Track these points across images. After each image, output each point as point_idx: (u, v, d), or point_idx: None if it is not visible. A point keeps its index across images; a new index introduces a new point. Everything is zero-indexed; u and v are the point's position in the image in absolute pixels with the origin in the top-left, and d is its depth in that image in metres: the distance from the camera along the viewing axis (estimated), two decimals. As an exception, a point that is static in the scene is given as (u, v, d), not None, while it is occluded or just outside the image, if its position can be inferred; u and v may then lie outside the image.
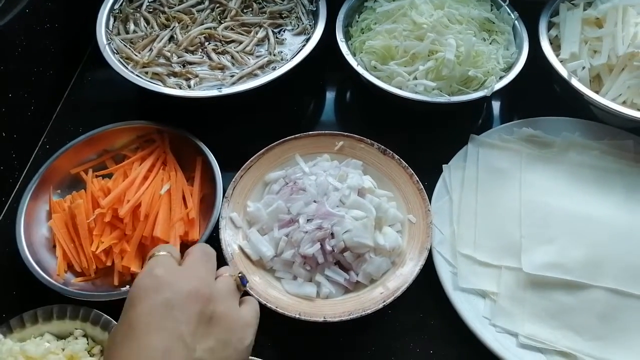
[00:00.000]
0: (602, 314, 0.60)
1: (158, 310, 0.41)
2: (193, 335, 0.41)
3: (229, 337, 0.43)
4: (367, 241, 0.61)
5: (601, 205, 0.67)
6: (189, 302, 0.42)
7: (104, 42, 0.74)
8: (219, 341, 0.43)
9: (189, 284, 0.43)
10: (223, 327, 0.43)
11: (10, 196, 0.72)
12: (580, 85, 0.72)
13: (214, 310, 0.43)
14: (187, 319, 0.41)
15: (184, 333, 0.40)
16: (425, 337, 0.62)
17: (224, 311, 0.44)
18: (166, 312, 0.41)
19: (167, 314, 0.41)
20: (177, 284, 0.43)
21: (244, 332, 0.45)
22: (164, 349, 0.39)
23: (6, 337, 0.58)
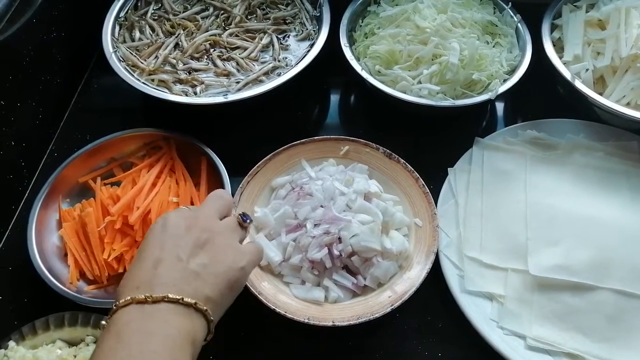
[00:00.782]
0: (609, 316, 0.60)
1: (159, 236, 0.48)
2: (188, 254, 0.47)
3: (222, 257, 0.48)
4: (374, 245, 0.62)
5: (607, 207, 0.67)
6: (187, 230, 0.48)
7: (110, 50, 0.75)
8: (212, 259, 0.47)
9: (190, 219, 0.50)
10: (217, 249, 0.49)
11: (19, 204, 0.72)
12: (584, 87, 0.72)
13: (210, 238, 0.49)
14: (185, 242, 0.47)
15: (179, 251, 0.46)
16: (433, 340, 0.62)
17: (220, 240, 0.49)
18: (165, 236, 0.48)
19: (166, 238, 0.48)
20: (180, 220, 0.49)
21: (239, 256, 0.49)
22: (156, 259, 0.46)
23: (18, 344, 0.58)
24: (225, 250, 0.49)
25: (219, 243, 0.49)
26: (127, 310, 0.43)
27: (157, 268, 0.45)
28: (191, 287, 0.45)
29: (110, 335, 0.42)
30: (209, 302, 0.45)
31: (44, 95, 0.76)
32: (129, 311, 0.43)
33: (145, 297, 0.43)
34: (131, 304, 0.43)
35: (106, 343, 0.42)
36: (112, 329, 0.42)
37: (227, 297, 0.48)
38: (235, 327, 0.63)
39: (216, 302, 0.46)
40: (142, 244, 0.49)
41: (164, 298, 0.43)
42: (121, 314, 0.43)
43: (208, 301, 0.45)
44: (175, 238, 0.48)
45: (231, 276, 0.48)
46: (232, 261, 0.49)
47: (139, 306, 0.43)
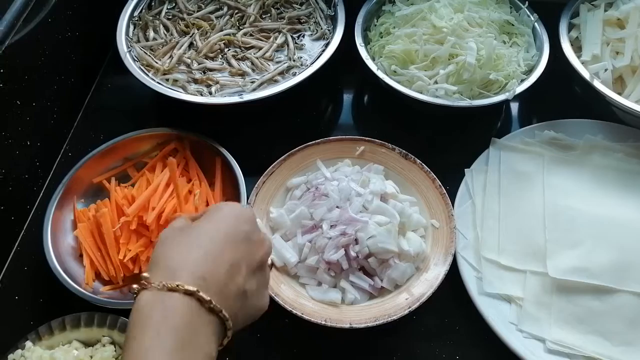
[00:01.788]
0: (630, 319, 0.59)
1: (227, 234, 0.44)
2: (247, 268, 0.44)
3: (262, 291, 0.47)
4: (391, 247, 0.61)
5: (627, 208, 0.67)
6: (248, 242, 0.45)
7: (125, 50, 0.75)
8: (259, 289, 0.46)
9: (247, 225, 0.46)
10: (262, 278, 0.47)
11: (34, 205, 0.72)
12: (603, 87, 0.71)
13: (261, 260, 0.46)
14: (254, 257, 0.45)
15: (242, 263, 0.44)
16: (450, 342, 0.62)
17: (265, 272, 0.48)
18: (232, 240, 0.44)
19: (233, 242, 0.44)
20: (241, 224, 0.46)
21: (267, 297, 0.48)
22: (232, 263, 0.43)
23: (35, 345, 0.58)
24: (265, 285, 0.48)
25: (264, 275, 0.48)
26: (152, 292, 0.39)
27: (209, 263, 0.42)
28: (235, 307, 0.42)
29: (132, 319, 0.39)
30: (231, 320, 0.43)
31: (58, 94, 0.76)
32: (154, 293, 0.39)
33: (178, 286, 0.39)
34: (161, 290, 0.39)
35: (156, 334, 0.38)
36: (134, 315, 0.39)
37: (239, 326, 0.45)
38: (250, 329, 0.63)
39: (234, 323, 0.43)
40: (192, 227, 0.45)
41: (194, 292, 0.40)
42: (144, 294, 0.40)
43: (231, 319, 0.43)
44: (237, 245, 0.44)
45: (256, 315, 0.46)
46: (264, 300, 0.47)
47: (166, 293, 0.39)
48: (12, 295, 0.65)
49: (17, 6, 0.64)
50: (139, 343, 0.38)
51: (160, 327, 0.38)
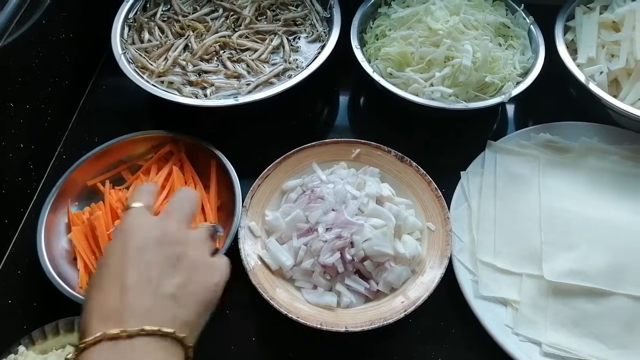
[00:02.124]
0: (626, 322, 0.59)
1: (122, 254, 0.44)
2: (159, 275, 0.43)
3: (196, 276, 0.45)
4: (387, 250, 0.61)
5: (622, 211, 0.67)
6: (156, 246, 0.45)
7: (119, 52, 0.74)
8: (186, 278, 0.44)
9: (157, 230, 0.46)
10: (191, 266, 0.45)
11: (28, 207, 0.72)
12: (598, 90, 0.71)
13: (183, 253, 0.46)
14: (155, 260, 0.44)
15: (149, 272, 0.43)
16: (446, 345, 0.62)
17: (191, 254, 0.46)
18: (130, 254, 0.44)
19: (132, 256, 0.44)
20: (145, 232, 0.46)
21: (212, 272, 0.47)
22: (123, 284, 0.42)
23: (28, 349, 0.58)
24: (199, 266, 0.46)
25: (192, 258, 0.46)
26: (99, 350, 0.38)
27: (126, 295, 0.41)
28: (167, 315, 0.42)
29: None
30: (187, 327, 0.42)
31: (52, 96, 0.76)
32: (101, 350, 0.38)
33: (120, 332, 0.39)
34: (102, 341, 0.39)
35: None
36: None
37: (203, 317, 0.45)
38: (246, 333, 0.63)
39: (193, 325, 0.43)
40: (102, 263, 0.44)
41: (139, 332, 0.39)
42: (91, 354, 0.38)
43: (186, 326, 0.42)
44: (142, 256, 0.44)
45: (207, 296, 0.45)
46: (206, 279, 0.46)
47: (111, 343, 0.39)
48: (6, 299, 0.65)
49: (10, 8, 0.64)
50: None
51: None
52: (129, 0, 0.81)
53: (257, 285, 0.61)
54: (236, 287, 0.64)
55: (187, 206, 0.51)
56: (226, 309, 0.64)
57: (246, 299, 0.64)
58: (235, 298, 0.65)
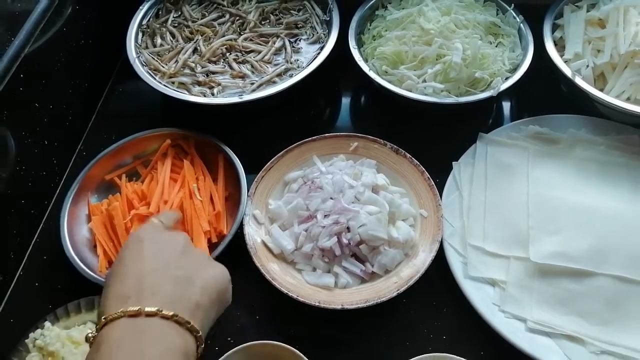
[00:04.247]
0: (608, 300, 0.63)
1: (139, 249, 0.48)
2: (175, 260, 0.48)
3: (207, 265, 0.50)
4: (381, 234, 0.65)
5: (607, 198, 0.70)
6: (169, 240, 0.50)
7: (134, 56, 0.80)
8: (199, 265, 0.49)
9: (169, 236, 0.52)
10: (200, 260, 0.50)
11: (52, 199, 0.78)
12: (584, 83, 0.75)
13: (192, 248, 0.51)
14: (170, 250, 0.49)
15: (166, 257, 0.48)
16: (438, 324, 0.65)
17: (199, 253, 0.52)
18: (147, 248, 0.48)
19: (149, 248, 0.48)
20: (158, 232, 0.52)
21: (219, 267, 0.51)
22: (141, 270, 0.45)
23: (53, 325, 0.63)
24: (209, 262, 0.51)
25: (202, 256, 0.51)
26: (118, 325, 0.41)
27: (144, 278, 0.44)
28: (182, 295, 0.44)
29: (100, 355, 0.40)
30: (199, 310, 0.45)
31: (73, 98, 0.82)
32: (120, 326, 0.41)
33: (139, 310, 0.41)
34: (122, 317, 0.41)
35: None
36: (102, 349, 0.40)
37: (215, 307, 0.48)
38: (250, 312, 0.67)
39: (205, 309, 0.46)
40: (119, 259, 0.48)
41: (157, 312, 0.42)
42: (111, 329, 0.41)
43: (198, 308, 0.45)
44: (158, 247, 0.48)
45: (219, 283, 0.49)
46: (217, 270, 0.50)
47: (130, 320, 0.41)
48: (32, 282, 0.71)
49: (35, 16, 0.71)
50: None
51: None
52: (142, 8, 0.87)
53: (261, 267, 0.65)
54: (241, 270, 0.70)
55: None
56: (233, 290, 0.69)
57: (251, 281, 0.69)
58: (239, 280, 0.69)
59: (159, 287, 0.44)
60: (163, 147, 0.77)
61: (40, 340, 0.61)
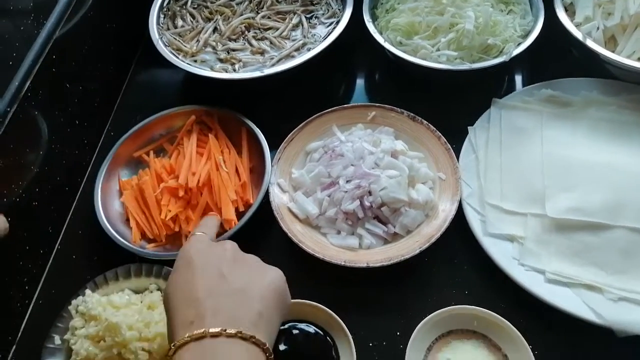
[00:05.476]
0: (623, 251, 0.65)
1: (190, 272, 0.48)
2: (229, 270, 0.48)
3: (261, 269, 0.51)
4: (401, 196, 0.68)
5: (620, 155, 0.72)
6: (219, 252, 0.50)
7: (157, 37, 0.83)
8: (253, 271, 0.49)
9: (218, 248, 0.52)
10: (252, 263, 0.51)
11: (84, 177, 0.81)
12: (595, 45, 0.76)
13: (242, 255, 0.52)
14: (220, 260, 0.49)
15: (221, 268, 0.48)
16: (459, 280, 0.68)
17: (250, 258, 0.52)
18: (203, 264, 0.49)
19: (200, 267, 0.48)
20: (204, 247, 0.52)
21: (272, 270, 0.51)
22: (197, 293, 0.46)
23: (93, 292, 0.67)
24: (260, 265, 0.51)
25: (252, 260, 0.51)
26: (187, 350, 0.42)
27: (203, 301, 0.45)
28: (243, 309, 0.45)
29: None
30: (262, 320, 0.45)
31: (100, 80, 0.85)
32: (189, 350, 0.42)
33: (203, 332, 0.42)
34: (190, 342, 0.42)
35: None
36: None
37: (278, 312, 0.48)
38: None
39: (268, 317, 0.46)
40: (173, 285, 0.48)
41: (221, 332, 0.42)
42: (181, 355, 0.42)
43: (260, 318, 0.45)
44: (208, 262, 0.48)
45: (277, 287, 0.49)
46: (272, 274, 0.50)
47: (197, 343, 0.42)
48: (70, 255, 0.75)
49: (64, 2, 0.74)
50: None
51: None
52: (162, -8, 0.90)
53: (287, 231, 0.68)
54: (268, 237, 0.73)
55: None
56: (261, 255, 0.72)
57: (277, 246, 0.72)
58: (267, 246, 0.73)
59: (218, 307, 0.44)
60: (188, 123, 0.80)
61: (82, 306, 0.65)
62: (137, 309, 0.64)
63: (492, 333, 0.61)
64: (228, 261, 0.49)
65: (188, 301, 0.45)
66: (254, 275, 0.49)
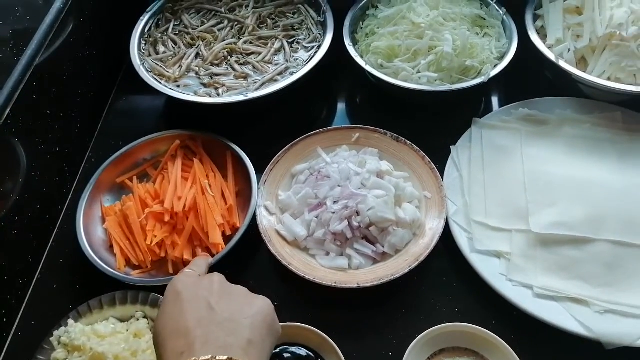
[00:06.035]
0: (607, 264, 0.66)
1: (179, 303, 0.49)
2: (217, 300, 0.48)
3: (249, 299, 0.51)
4: (389, 215, 0.69)
5: (597, 170, 0.74)
6: (206, 284, 0.51)
7: (138, 63, 0.83)
8: (240, 302, 0.49)
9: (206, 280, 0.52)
10: (240, 295, 0.51)
11: (65, 204, 0.80)
12: (567, 65, 0.80)
13: (228, 286, 0.52)
14: (209, 291, 0.50)
15: (208, 299, 0.48)
16: (449, 298, 0.68)
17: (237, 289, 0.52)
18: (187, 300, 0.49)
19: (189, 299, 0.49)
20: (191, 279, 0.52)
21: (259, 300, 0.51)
22: (186, 323, 0.46)
23: (77, 322, 0.65)
24: (248, 295, 0.51)
25: (239, 290, 0.51)
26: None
27: (193, 331, 0.45)
28: (233, 337, 0.45)
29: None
30: (252, 347, 0.45)
31: (81, 106, 0.84)
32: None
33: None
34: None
35: None
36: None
37: (268, 340, 0.48)
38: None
39: (258, 345, 0.46)
40: (161, 316, 0.48)
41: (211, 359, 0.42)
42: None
43: (250, 345, 0.45)
44: (197, 294, 0.49)
45: (266, 315, 0.49)
46: (260, 303, 0.50)
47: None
48: (51, 284, 0.72)
49: (45, 28, 0.74)
50: None
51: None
52: (143, 19, 0.90)
53: (276, 254, 0.68)
54: (256, 260, 0.73)
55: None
56: (249, 279, 0.71)
57: (266, 269, 0.72)
58: (255, 269, 0.72)
59: (208, 336, 0.45)
60: (173, 147, 0.79)
61: (65, 337, 0.63)
62: (123, 337, 0.62)
63: (484, 349, 0.61)
64: (216, 292, 0.50)
65: (178, 332, 0.46)
66: (242, 305, 0.49)
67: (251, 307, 0.49)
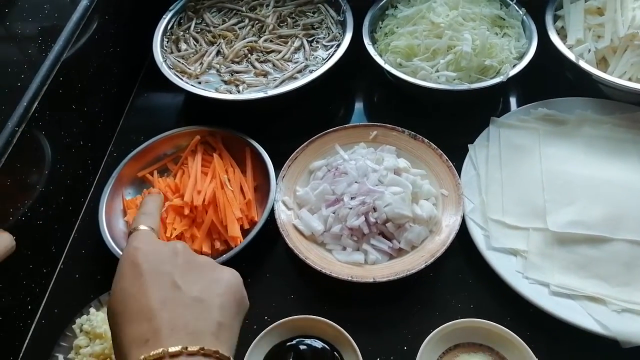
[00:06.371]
0: (626, 263, 0.66)
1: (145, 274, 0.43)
2: (182, 279, 0.43)
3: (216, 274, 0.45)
4: (406, 212, 0.69)
5: (617, 170, 0.74)
6: (172, 257, 0.45)
7: (161, 60, 0.85)
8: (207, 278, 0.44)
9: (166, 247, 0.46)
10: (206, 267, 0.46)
11: (87, 197, 0.82)
12: (588, 66, 0.79)
13: (192, 256, 0.46)
14: (174, 268, 0.44)
15: (173, 277, 0.43)
16: (465, 294, 0.68)
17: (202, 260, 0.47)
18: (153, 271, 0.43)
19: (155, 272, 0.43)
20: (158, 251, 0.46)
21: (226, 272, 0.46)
22: (150, 303, 0.41)
23: (98, 310, 0.66)
24: (215, 267, 0.46)
25: (205, 261, 0.46)
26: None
27: (158, 313, 0.40)
28: (202, 321, 0.41)
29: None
30: (223, 330, 0.41)
31: (104, 101, 0.86)
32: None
33: (162, 352, 0.37)
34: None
35: None
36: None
37: (237, 318, 0.44)
38: (284, 292, 0.70)
39: (229, 326, 0.42)
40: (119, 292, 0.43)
41: (181, 351, 0.38)
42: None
43: (221, 329, 0.41)
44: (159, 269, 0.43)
45: (235, 292, 0.45)
46: (227, 275, 0.46)
47: None
48: (73, 274, 0.74)
49: (71, 26, 0.76)
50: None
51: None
52: (165, 17, 0.92)
53: (294, 248, 0.69)
54: (273, 254, 0.74)
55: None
56: (266, 272, 0.72)
57: (283, 263, 0.73)
58: (273, 263, 0.73)
59: (175, 321, 0.40)
60: (193, 143, 0.81)
61: (87, 324, 0.65)
62: (143, 326, 0.63)
63: (499, 346, 0.61)
64: (180, 266, 0.44)
65: (139, 314, 0.40)
66: (209, 282, 0.44)
67: (219, 284, 0.44)
